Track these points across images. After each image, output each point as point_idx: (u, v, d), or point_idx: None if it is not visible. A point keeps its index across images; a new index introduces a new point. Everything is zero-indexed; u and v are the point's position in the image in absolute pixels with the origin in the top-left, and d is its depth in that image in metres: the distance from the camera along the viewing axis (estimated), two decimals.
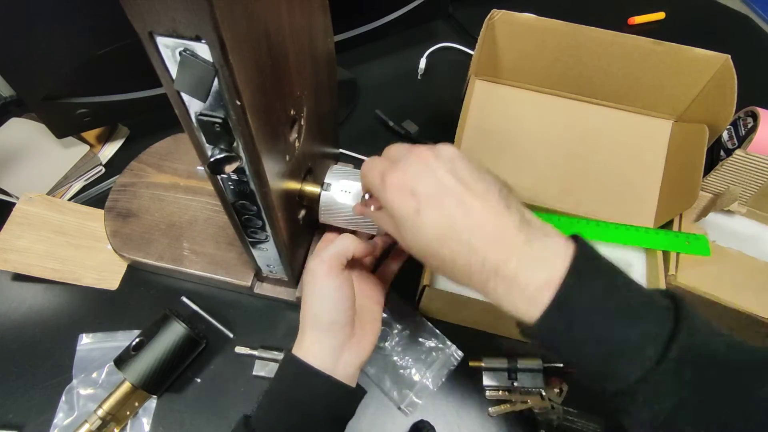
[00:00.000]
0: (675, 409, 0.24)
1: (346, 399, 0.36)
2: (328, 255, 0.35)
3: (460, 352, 0.49)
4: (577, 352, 0.25)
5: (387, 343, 0.50)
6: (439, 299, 0.46)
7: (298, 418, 0.34)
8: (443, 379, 0.49)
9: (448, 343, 0.50)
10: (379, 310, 0.40)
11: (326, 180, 0.41)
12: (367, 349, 0.36)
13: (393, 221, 0.29)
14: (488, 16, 0.51)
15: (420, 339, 0.50)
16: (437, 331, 0.50)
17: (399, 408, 0.47)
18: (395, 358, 0.49)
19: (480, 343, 0.50)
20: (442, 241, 0.27)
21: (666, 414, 0.24)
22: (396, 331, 0.50)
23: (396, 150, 0.31)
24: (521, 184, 0.53)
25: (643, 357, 0.24)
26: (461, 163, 0.28)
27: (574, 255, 0.25)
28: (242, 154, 0.29)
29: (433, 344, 0.50)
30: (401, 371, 0.49)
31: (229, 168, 0.29)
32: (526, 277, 0.25)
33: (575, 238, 0.27)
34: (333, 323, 0.35)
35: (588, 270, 0.25)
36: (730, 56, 0.48)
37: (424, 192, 0.27)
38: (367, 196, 0.38)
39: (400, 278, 0.44)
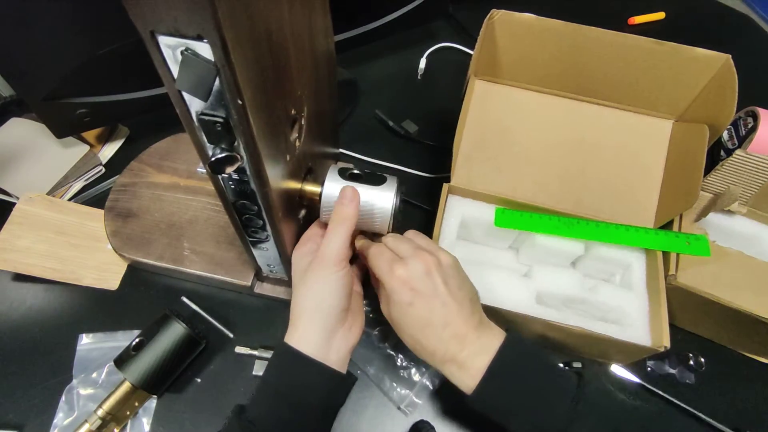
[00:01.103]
0: None
1: (336, 385, 0.37)
2: (337, 246, 0.37)
3: None
4: (505, 412, 0.35)
5: (387, 343, 0.50)
6: None
7: (291, 406, 0.35)
8: (443, 379, 0.49)
9: None
10: (362, 299, 0.44)
11: (326, 180, 0.41)
12: (357, 335, 0.40)
13: (388, 301, 0.37)
14: (488, 16, 0.51)
15: None
16: None
17: (399, 408, 0.47)
18: (395, 358, 0.49)
19: None
20: (421, 327, 0.35)
21: None
22: None
23: (404, 247, 0.37)
24: (521, 184, 0.53)
25: (559, 415, 0.33)
26: (453, 271, 0.37)
27: (502, 344, 0.35)
28: (243, 154, 0.29)
29: None
30: (401, 371, 0.49)
31: (230, 168, 0.29)
32: (472, 362, 0.35)
33: (507, 329, 0.37)
34: (333, 307, 0.37)
35: (510, 352, 0.35)
36: (730, 56, 0.48)
37: (420, 290, 0.35)
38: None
39: None
